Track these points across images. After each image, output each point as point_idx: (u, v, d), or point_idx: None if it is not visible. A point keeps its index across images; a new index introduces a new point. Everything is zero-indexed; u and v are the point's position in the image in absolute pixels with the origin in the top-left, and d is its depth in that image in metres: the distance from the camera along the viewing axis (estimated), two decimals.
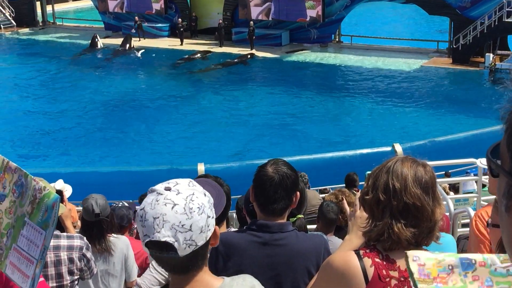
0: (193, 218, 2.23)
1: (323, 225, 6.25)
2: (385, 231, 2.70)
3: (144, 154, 23.12)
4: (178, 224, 2.21)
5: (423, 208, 2.70)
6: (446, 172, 13.61)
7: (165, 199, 2.24)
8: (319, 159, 16.78)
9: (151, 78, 33.83)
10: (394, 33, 42.70)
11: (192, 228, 2.23)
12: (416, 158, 2.85)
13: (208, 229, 2.30)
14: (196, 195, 2.28)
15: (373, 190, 2.77)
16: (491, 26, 33.11)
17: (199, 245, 2.27)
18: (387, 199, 2.71)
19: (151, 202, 2.25)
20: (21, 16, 47.41)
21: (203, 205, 2.28)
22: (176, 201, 2.23)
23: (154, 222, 2.22)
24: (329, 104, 29.30)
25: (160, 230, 2.21)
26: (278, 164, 3.53)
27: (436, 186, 2.81)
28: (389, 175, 2.75)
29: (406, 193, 2.70)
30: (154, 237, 2.22)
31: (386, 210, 2.71)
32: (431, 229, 2.74)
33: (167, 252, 2.25)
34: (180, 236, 2.22)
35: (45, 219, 2.80)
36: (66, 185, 8.79)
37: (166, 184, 2.29)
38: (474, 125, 23.75)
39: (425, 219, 2.71)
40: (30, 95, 31.52)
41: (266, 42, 38.58)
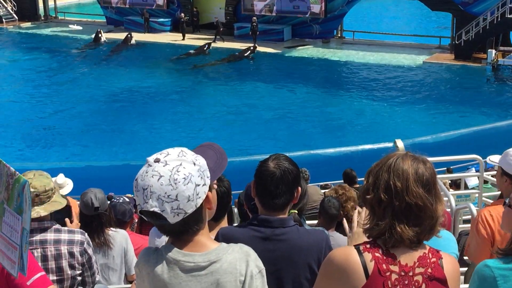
0: (178, 188, 2.38)
1: (325, 220, 6.24)
2: (386, 231, 2.69)
3: (144, 148, 23.09)
4: (164, 195, 2.37)
5: (425, 207, 2.69)
6: (448, 168, 13.62)
7: (152, 171, 2.40)
8: (321, 154, 16.78)
9: (152, 73, 33.78)
10: (397, 28, 42.61)
11: (178, 198, 2.38)
12: (416, 154, 2.83)
13: (198, 197, 2.43)
14: (184, 165, 2.42)
15: (374, 189, 2.75)
16: (494, 22, 33.03)
17: (188, 213, 2.41)
18: (389, 199, 2.70)
19: (142, 174, 2.44)
20: (23, 10, 47.37)
21: (189, 174, 2.41)
22: (162, 172, 2.39)
23: (143, 193, 2.40)
24: (331, 100, 29.27)
25: (148, 200, 2.38)
26: (280, 159, 3.53)
27: (437, 182, 2.80)
28: (390, 174, 2.73)
29: (408, 193, 2.68)
30: (144, 207, 2.40)
31: (387, 210, 2.70)
32: (433, 226, 2.74)
33: (159, 220, 2.41)
34: (167, 206, 2.37)
35: (19, 205, 2.78)
36: (67, 179, 8.79)
37: (158, 155, 2.45)
38: (476, 121, 23.75)
39: (427, 218, 2.70)
40: (31, 89, 31.50)
41: (268, 37, 38.52)
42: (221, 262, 2.50)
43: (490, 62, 32.59)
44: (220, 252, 2.52)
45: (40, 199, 4.34)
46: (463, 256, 5.80)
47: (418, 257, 2.70)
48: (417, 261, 2.70)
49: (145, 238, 6.49)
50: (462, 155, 11.01)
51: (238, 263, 2.53)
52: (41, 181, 4.37)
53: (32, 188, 4.29)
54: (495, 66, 32.52)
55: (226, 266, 2.51)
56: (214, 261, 2.50)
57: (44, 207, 4.36)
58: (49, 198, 4.40)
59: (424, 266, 2.70)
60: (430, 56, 35.39)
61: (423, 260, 2.71)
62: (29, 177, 4.36)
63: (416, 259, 2.70)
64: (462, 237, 6.57)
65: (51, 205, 4.40)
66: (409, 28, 44.03)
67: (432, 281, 2.69)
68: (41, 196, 4.34)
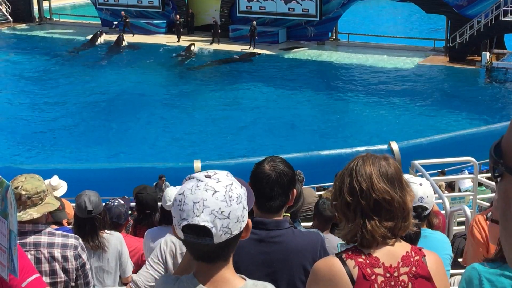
0: (232, 206, 2.29)
1: (320, 222, 6.24)
2: (357, 231, 2.70)
3: (140, 150, 23.10)
4: (218, 210, 2.27)
5: (393, 201, 2.72)
6: (441, 170, 13.64)
7: (206, 185, 2.30)
8: (316, 156, 16.79)
9: (147, 75, 33.76)
10: (391, 31, 42.70)
11: (230, 216, 2.28)
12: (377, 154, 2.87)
13: (243, 220, 2.35)
14: (235, 186, 2.35)
15: (340, 195, 2.78)
16: (488, 25, 33.12)
17: (233, 234, 2.32)
18: (356, 200, 2.72)
19: (191, 188, 2.31)
20: (18, 12, 47.28)
21: (240, 195, 2.34)
22: (217, 188, 2.29)
23: (194, 207, 2.27)
24: (326, 102, 29.29)
25: (200, 214, 2.26)
26: (275, 162, 3.52)
27: (402, 176, 2.82)
28: (353, 176, 2.76)
29: (373, 190, 2.71)
30: (193, 221, 2.27)
31: (357, 211, 2.72)
32: (406, 218, 2.76)
33: (203, 238, 2.28)
34: (218, 223, 2.27)
35: (3, 209, 2.77)
36: (61, 181, 8.77)
37: (206, 173, 2.36)
38: (471, 124, 23.82)
39: (398, 211, 2.73)
40: (26, 90, 31.44)
41: (263, 40, 38.52)
42: None
43: (484, 65, 32.66)
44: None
45: (32, 201, 4.33)
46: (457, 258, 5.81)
47: (402, 256, 2.72)
48: (401, 261, 2.71)
49: (140, 240, 6.48)
50: (456, 157, 11.04)
51: None
52: (33, 183, 4.36)
53: (23, 191, 4.29)
54: (489, 68, 32.60)
55: None
56: None
57: (36, 209, 4.35)
58: (42, 200, 4.38)
59: (408, 265, 2.71)
60: (425, 59, 35.46)
61: (407, 259, 2.72)
62: (20, 180, 4.35)
63: (400, 259, 2.72)
64: (456, 239, 6.58)
65: (44, 207, 4.39)
66: (404, 30, 44.12)
67: (417, 279, 2.71)
68: (33, 198, 4.33)
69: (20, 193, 4.29)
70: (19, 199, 4.30)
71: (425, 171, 9.13)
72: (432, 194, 4.72)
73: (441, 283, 2.77)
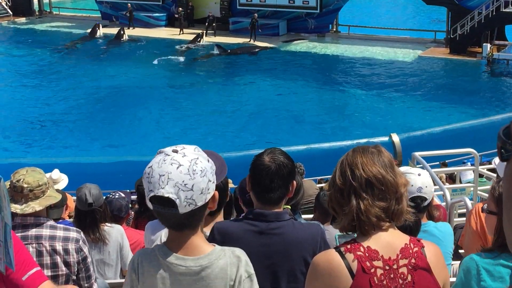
0: (195, 179, 2.45)
1: (320, 214, 6.24)
2: (353, 215, 2.71)
3: (141, 143, 23.09)
4: (182, 183, 2.43)
5: (385, 179, 2.73)
6: (443, 162, 13.64)
7: (172, 159, 2.47)
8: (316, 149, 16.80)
9: (149, 68, 33.72)
10: (392, 23, 42.63)
11: (193, 188, 2.45)
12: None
13: (208, 192, 2.52)
14: (200, 160, 2.51)
15: (333, 184, 2.81)
16: (489, 16, 33.06)
17: (198, 205, 2.48)
18: (348, 184, 2.74)
19: (159, 161, 2.49)
20: (18, 5, 47.24)
21: (205, 169, 2.50)
22: (182, 162, 2.46)
23: (159, 179, 2.44)
24: (326, 94, 29.27)
25: (165, 186, 2.43)
26: (275, 153, 3.52)
27: (394, 162, 2.84)
28: (343, 164, 2.80)
29: (365, 171, 2.73)
30: (158, 192, 2.44)
31: (350, 194, 2.73)
32: (399, 200, 2.76)
33: (169, 208, 2.46)
34: (182, 194, 2.43)
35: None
36: (62, 174, 8.80)
37: (174, 147, 2.53)
38: (472, 115, 23.80)
39: (390, 192, 2.73)
40: (26, 84, 31.40)
41: (264, 32, 38.47)
42: (213, 267, 2.57)
43: (485, 56, 32.63)
44: (212, 257, 2.58)
45: (34, 194, 4.34)
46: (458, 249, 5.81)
47: (400, 249, 2.72)
48: (400, 253, 2.71)
49: (141, 233, 6.49)
50: (457, 149, 11.04)
51: (229, 268, 2.58)
52: (34, 176, 4.37)
53: (25, 184, 4.30)
54: (490, 60, 32.56)
55: (217, 271, 2.57)
56: (206, 266, 2.56)
57: (38, 202, 4.36)
58: (43, 193, 4.40)
59: (407, 257, 2.71)
60: (425, 50, 35.42)
61: (406, 251, 2.72)
62: (22, 173, 4.36)
63: (399, 251, 2.71)
64: (458, 230, 6.58)
65: (46, 200, 4.40)
66: (404, 22, 44.03)
67: (416, 271, 2.71)
68: (35, 191, 4.34)
69: (22, 186, 4.30)
70: (21, 192, 4.31)
71: (426, 163, 9.13)
72: (431, 185, 4.69)
73: (440, 274, 2.78)
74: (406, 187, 2.81)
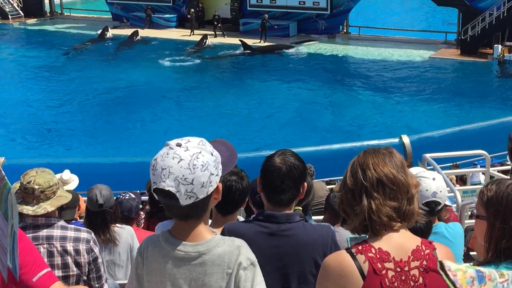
0: (195, 173, 2.52)
1: (330, 216, 6.22)
2: (364, 214, 2.70)
3: (151, 144, 23.09)
4: (182, 177, 2.51)
5: (396, 179, 2.73)
6: (454, 163, 13.57)
7: (174, 153, 2.54)
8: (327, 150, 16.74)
9: (159, 69, 33.80)
10: (402, 24, 42.51)
11: (193, 182, 2.52)
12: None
13: (210, 185, 2.58)
14: (203, 154, 2.57)
15: (344, 185, 2.81)
16: (500, 17, 32.92)
17: (199, 198, 2.55)
18: (359, 184, 2.73)
19: (162, 154, 2.58)
20: (29, 7, 47.45)
21: (207, 163, 2.56)
22: (183, 156, 2.54)
23: (161, 172, 2.53)
24: (337, 95, 29.22)
25: (166, 180, 2.52)
26: (286, 155, 3.52)
27: (405, 164, 2.83)
28: (354, 167, 2.79)
29: (377, 171, 2.73)
30: (160, 185, 2.53)
31: (362, 194, 2.73)
32: (410, 201, 2.75)
33: (170, 200, 2.55)
34: (182, 188, 2.51)
35: (5, 210, 2.78)
36: (73, 175, 8.81)
37: (179, 141, 2.60)
38: (482, 117, 23.65)
39: (401, 190, 2.73)
40: (37, 85, 31.54)
41: (274, 33, 38.47)
42: (210, 254, 2.62)
43: (496, 57, 32.49)
44: (210, 244, 2.64)
45: (46, 195, 4.35)
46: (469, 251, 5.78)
47: (412, 250, 2.71)
48: (411, 255, 2.70)
49: (151, 234, 6.48)
50: (468, 151, 10.98)
51: (227, 256, 2.62)
52: (44, 177, 4.38)
53: (36, 185, 4.31)
54: (501, 61, 32.42)
55: (215, 258, 2.62)
56: (203, 252, 2.63)
57: (50, 203, 4.37)
58: (54, 193, 4.40)
59: (419, 259, 2.70)
60: (436, 52, 35.30)
61: (417, 253, 2.71)
62: (32, 174, 4.36)
63: (410, 253, 2.71)
64: (469, 232, 6.55)
65: (57, 200, 4.41)
66: (415, 23, 43.90)
67: (428, 273, 2.71)
68: (46, 192, 4.35)
69: (33, 188, 4.30)
70: (32, 193, 4.31)
71: (437, 164, 9.09)
72: (445, 188, 4.66)
73: None
74: (418, 188, 2.80)
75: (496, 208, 2.78)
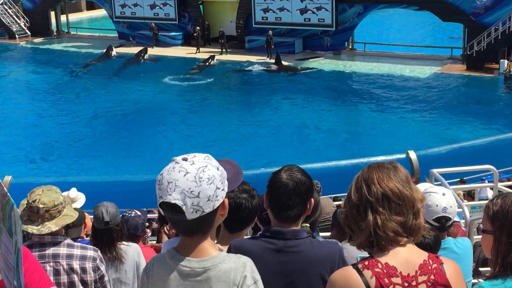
0: (201, 186, 2.53)
1: (338, 232, 6.19)
2: (370, 231, 2.67)
3: (157, 161, 23.13)
4: (188, 190, 2.52)
5: (402, 193, 2.71)
6: (461, 178, 13.52)
7: (180, 167, 2.57)
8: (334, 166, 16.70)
9: (165, 87, 33.88)
10: (408, 40, 42.60)
11: (200, 195, 2.52)
12: None
13: (216, 199, 2.58)
14: (209, 168, 2.59)
15: (349, 200, 2.80)
16: (506, 32, 32.94)
17: (205, 212, 2.55)
18: (364, 199, 2.72)
19: (169, 169, 2.60)
20: (36, 26, 47.77)
21: (213, 176, 2.57)
22: (189, 170, 2.55)
23: (168, 186, 2.55)
24: (343, 112, 29.22)
25: (172, 193, 2.53)
26: (292, 171, 3.51)
27: (410, 179, 2.81)
28: (359, 182, 2.78)
29: (382, 186, 2.71)
30: (166, 198, 2.54)
31: (367, 209, 2.71)
32: (416, 215, 2.73)
33: (177, 214, 2.55)
34: (188, 201, 2.52)
35: (9, 227, 2.77)
36: (80, 193, 8.79)
37: (185, 156, 2.62)
38: (490, 132, 23.63)
39: (407, 205, 2.71)
40: (44, 103, 31.67)
41: (280, 50, 38.56)
42: (216, 270, 2.61)
43: (503, 73, 32.45)
44: (216, 260, 2.63)
45: (50, 214, 4.34)
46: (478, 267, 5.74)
47: (419, 265, 2.70)
48: (419, 269, 2.69)
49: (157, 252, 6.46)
50: (475, 166, 10.94)
51: (233, 272, 2.61)
52: (50, 196, 4.37)
53: (41, 204, 4.30)
54: (507, 76, 32.37)
55: (220, 274, 2.61)
56: (209, 268, 2.62)
57: (55, 222, 4.36)
58: (59, 212, 4.39)
59: (426, 274, 2.69)
60: (442, 67, 35.31)
61: (425, 267, 2.70)
62: (38, 193, 4.36)
63: (417, 267, 2.69)
64: (477, 248, 6.51)
65: (62, 219, 4.40)
66: (420, 39, 43.95)
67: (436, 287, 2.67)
68: (51, 211, 4.34)
69: (38, 207, 4.29)
70: (37, 212, 4.30)
71: (444, 180, 9.05)
72: (455, 204, 4.63)
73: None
74: (423, 203, 2.79)
75: (502, 222, 2.78)
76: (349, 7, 37.96)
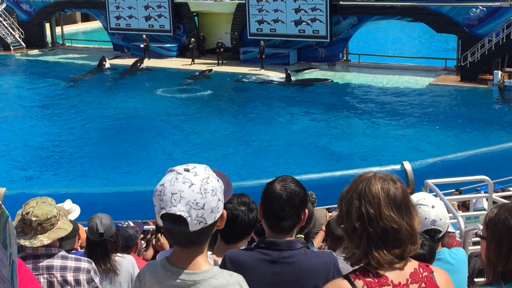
0: (206, 198, 2.51)
1: (332, 242, 6.19)
2: (363, 258, 2.68)
3: (150, 174, 23.09)
4: (193, 202, 2.49)
5: (401, 229, 2.69)
6: (456, 189, 13.54)
7: (184, 178, 2.53)
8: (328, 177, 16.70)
9: (158, 98, 33.89)
10: (402, 51, 42.76)
11: (204, 207, 2.51)
12: (384, 174, 2.82)
13: (218, 211, 2.58)
14: (211, 179, 2.58)
15: (348, 219, 2.75)
16: (499, 44, 33.08)
17: (208, 223, 2.54)
18: (363, 226, 2.69)
19: (171, 180, 2.55)
20: (31, 38, 47.83)
21: (216, 188, 2.57)
22: (194, 181, 2.53)
23: (172, 197, 2.50)
24: (337, 123, 29.26)
25: (177, 204, 2.49)
26: (286, 181, 3.50)
27: (409, 199, 2.79)
28: (361, 200, 2.72)
29: (381, 218, 2.67)
30: (170, 210, 2.50)
31: (363, 237, 2.69)
32: (414, 242, 2.73)
33: (180, 226, 2.52)
34: (193, 213, 2.49)
35: (3, 239, 2.76)
36: (74, 205, 8.77)
37: (185, 166, 2.60)
38: (484, 143, 23.65)
39: (407, 238, 2.70)
40: (39, 115, 31.65)
41: (274, 61, 38.66)
42: (206, 284, 2.58)
43: (497, 84, 32.57)
44: (207, 275, 2.60)
45: (43, 227, 4.32)
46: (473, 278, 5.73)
47: (410, 273, 2.70)
48: (410, 277, 2.70)
49: None
50: (470, 176, 10.96)
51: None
52: (43, 208, 4.34)
53: (34, 217, 4.28)
54: (501, 87, 32.50)
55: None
56: (198, 282, 2.59)
57: (47, 235, 4.34)
58: (53, 225, 4.37)
59: (417, 282, 2.70)
60: (436, 78, 35.41)
61: (415, 276, 2.71)
62: (32, 205, 4.34)
63: (408, 275, 2.70)
64: (472, 258, 6.50)
65: (55, 233, 4.38)
66: (415, 50, 44.11)
67: None
68: (44, 224, 4.32)
69: (30, 219, 4.27)
70: (30, 224, 4.28)
71: (439, 191, 9.06)
72: (446, 216, 4.60)
73: None
74: (420, 223, 2.80)
75: (492, 229, 2.82)
76: (343, 19, 38.09)
